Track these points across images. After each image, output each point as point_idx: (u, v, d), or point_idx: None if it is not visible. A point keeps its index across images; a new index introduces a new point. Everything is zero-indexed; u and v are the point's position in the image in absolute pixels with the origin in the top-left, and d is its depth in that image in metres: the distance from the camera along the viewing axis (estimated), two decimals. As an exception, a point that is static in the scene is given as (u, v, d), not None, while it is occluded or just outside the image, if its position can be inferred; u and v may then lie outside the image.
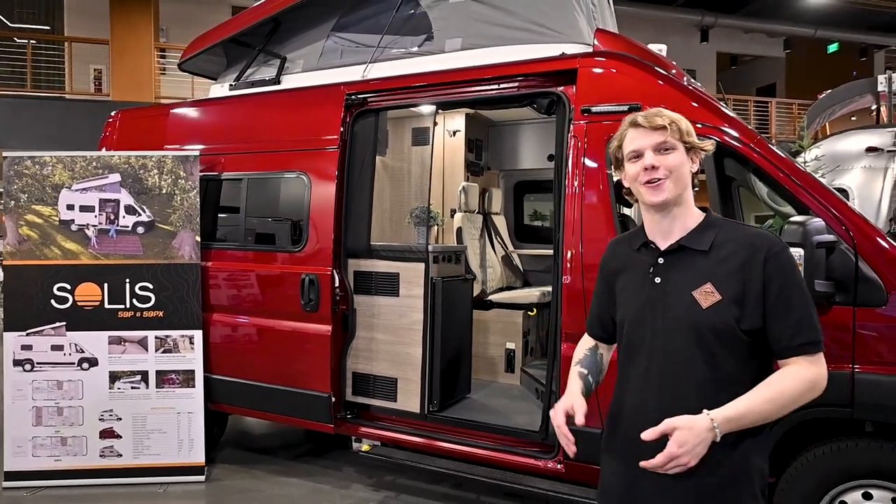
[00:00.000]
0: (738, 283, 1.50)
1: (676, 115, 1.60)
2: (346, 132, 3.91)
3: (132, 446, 4.16)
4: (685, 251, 1.58)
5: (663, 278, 1.59)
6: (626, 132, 1.63)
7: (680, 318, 1.54)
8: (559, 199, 3.32)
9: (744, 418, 1.45)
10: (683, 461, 1.43)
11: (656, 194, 1.56)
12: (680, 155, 1.57)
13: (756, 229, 1.62)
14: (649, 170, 1.55)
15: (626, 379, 1.66)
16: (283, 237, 4.07)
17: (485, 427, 3.64)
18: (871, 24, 16.98)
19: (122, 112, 5.03)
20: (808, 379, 1.49)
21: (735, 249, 1.53)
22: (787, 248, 1.55)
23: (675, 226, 1.60)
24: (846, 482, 2.71)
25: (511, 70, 3.54)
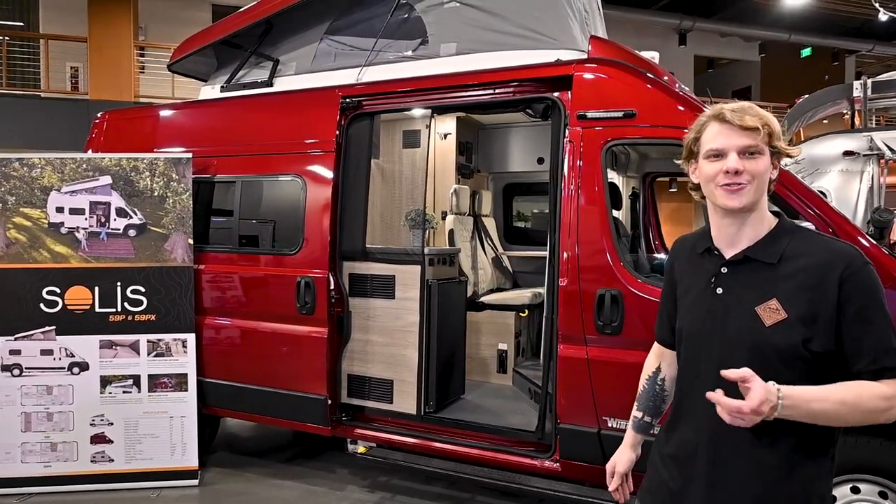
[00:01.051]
0: (808, 301, 1.38)
1: (768, 115, 1.45)
2: (341, 135, 3.93)
3: (124, 451, 4.13)
4: (751, 262, 1.46)
5: (725, 289, 1.48)
6: (707, 124, 1.48)
7: (740, 335, 1.43)
8: (555, 203, 3.38)
9: (808, 404, 1.33)
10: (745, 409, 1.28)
11: (735, 199, 1.43)
12: (766, 160, 1.44)
13: (834, 241, 1.47)
14: (731, 173, 1.42)
15: (683, 393, 1.58)
16: (278, 240, 4.07)
17: (481, 427, 3.69)
18: (842, 29, 17.44)
19: (109, 113, 4.96)
20: (888, 397, 1.36)
21: (807, 264, 1.40)
22: (869, 263, 1.40)
23: (744, 233, 1.48)
24: (835, 477, 2.80)
25: (506, 75, 3.59)
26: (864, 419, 1.37)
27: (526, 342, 5.02)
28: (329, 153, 3.91)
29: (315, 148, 3.97)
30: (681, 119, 3.18)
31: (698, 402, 1.46)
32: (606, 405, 3.15)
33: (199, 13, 14.00)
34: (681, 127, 3.15)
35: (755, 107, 1.46)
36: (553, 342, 3.31)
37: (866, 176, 6.15)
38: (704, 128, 1.49)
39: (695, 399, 1.49)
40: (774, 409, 1.31)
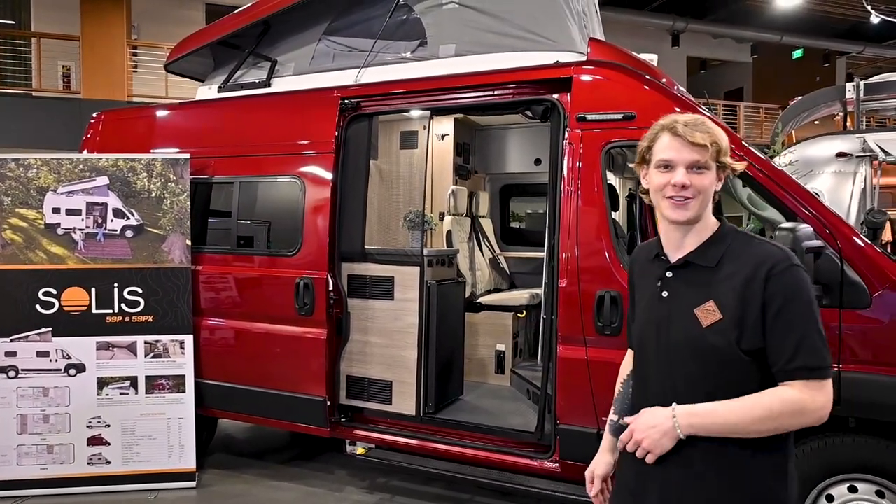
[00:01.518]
0: (740, 302, 1.43)
1: (718, 133, 1.49)
2: (339, 136, 3.93)
3: (121, 453, 4.10)
4: (692, 266, 1.53)
5: (670, 293, 1.55)
6: (660, 135, 1.53)
7: (681, 337, 1.50)
8: (554, 204, 3.39)
9: (707, 416, 1.41)
10: (638, 437, 1.46)
11: (680, 213, 1.50)
12: (712, 175, 1.49)
13: (770, 245, 1.51)
14: (678, 187, 1.48)
15: (639, 385, 1.65)
16: (276, 241, 4.06)
17: (481, 428, 3.70)
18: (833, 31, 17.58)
19: (105, 113, 4.94)
20: (795, 401, 1.39)
21: (741, 266, 1.46)
22: (797, 265, 1.45)
23: (688, 239, 1.55)
24: (832, 476, 2.84)
25: (506, 77, 3.60)
26: (776, 425, 1.40)
27: (524, 343, 5.03)
28: (328, 154, 3.90)
29: (314, 149, 3.96)
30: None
31: (650, 399, 1.54)
32: (606, 406, 3.15)
33: (193, 12, 13.94)
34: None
35: (707, 122, 1.50)
36: (552, 343, 3.32)
37: (859, 177, 6.21)
38: (657, 138, 1.54)
39: (646, 396, 1.57)
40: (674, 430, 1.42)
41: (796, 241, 2.68)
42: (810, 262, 2.73)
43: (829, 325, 2.80)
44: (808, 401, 1.40)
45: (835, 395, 2.70)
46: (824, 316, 2.73)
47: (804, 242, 2.69)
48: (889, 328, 2.77)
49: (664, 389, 1.52)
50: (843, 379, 2.78)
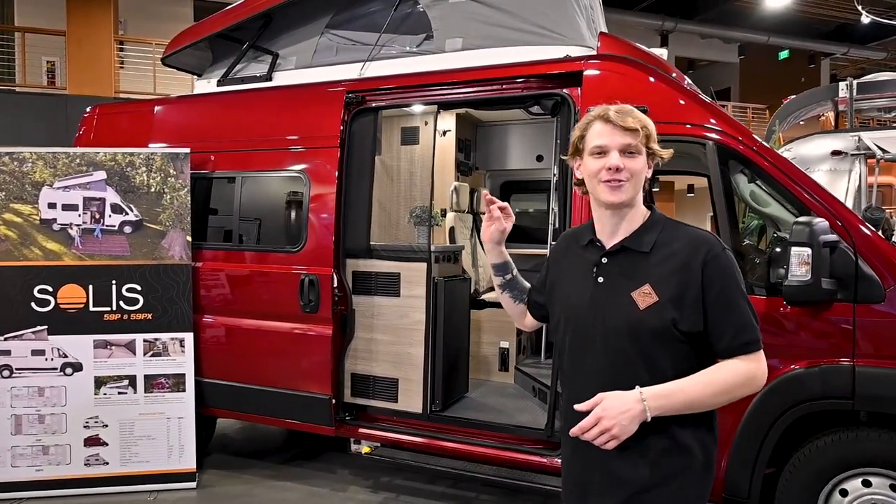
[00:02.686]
0: (676, 284, 1.51)
1: (646, 119, 1.59)
2: (344, 131, 3.87)
3: (119, 454, 4.01)
4: (627, 252, 1.59)
5: (606, 278, 1.60)
6: (593, 124, 1.60)
7: (619, 319, 1.54)
8: (564, 199, 3.36)
9: (674, 396, 1.47)
10: (607, 425, 1.44)
11: (615, 195, 1.56)
12: (643, 160, 1.58)
13: (698, 230, 1.61)
14: (612, 170, 1.54)
15: (572, 378, 1.66)
16: (280, 237, 3.99)
17: (489, 426, 3.66)
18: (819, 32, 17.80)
19: (99, 107, 4.83)
20: (745, 372, 1.51)
21: (675, 251, 1.55)
22: (726, 249, 1.55)
23: (621, 225, 1.61)
24: (846, 471, 2.84)
25: (514, 71, 3.57)
26: (731, 395, 1.51)
27: (527, 340, 5.00)
28: (333, 149, 3.84)
29: (318, 143, 3.90)
30: (691, 116, 3.19)
31: (584, 390, 1.56)
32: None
33: (181, 8, 13.75)
34: (694, 123, 3.17)
35: (635, 110, 1.60)
36: (563, 339, 3.29)
37: (853, 175, 6.26)
38: (589, 127, 1.60)
39: (583, 387, 1.58)
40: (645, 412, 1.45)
41: (812, 235, 2.68)
42: (826, 256, 2.74)
43: (843, 319, 2.82)
44: (754, 371, 1.53)
45: (850, 391, 2.76)
46: (838, 311, 2.80)
47: (821, 236, 2.69)
48: (902, 322, 2.78)
49: (603, 370, 1.56)
50: (858, 373, 2.78)
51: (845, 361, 2.80)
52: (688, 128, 3.16)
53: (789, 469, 2.93)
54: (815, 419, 2.91)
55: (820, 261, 2.68)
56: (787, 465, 2.94)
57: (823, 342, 2.85)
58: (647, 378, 1.50)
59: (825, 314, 2.84)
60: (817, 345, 2.86)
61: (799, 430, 2.93)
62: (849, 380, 2.78)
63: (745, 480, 2.93)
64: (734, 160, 3.14)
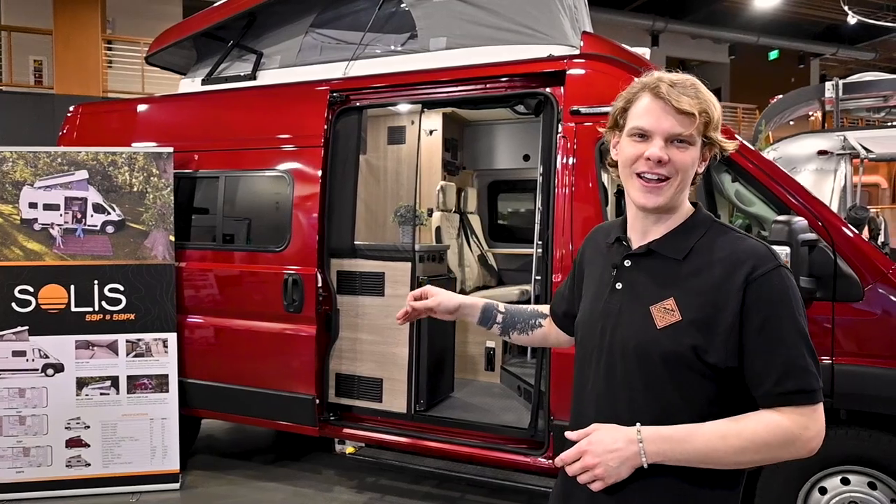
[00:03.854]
0: (706, 304, 1.19)
1: (711, 100, 1.23)
2: (328, 130, 3.85)
3: (101, 455, 3.98)
4: (655, 257, 1.29)
5: (625, 285, 1.31)
6: (639, 96, 1.25)
7: (630, 336, 1.25)
8: (548, 199, 3.36)
9: (680, 442, 1.16)
10: (590, 462, 1.18)
11: (650, 198, 1.24)
12: (695, 153, 1.22)
13: (749, 239, 1.25)
14: (653, 162, 1.22)
15: (577, 389, 1.42)
16: (264, 237, 3.98)
17: (473, 425, 3.66)
18: (808, 33, 17.91)
19: (83, 106, 4.79)
20: (785, 430, 1.15)
21: (714, 262, 1.22)
22: (783, 267, 1.20)
23: (658, 226, 1.30)
24: (825, 469, 2.86)
25: (498, 70, 3.56)
26: (762, 456, 1.17)
27: (513, 339, 5.00)
28: (316, 148, 3.83)
29: (302, 143, 3.88)
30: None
31: (584, 407, 1.35)
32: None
33: (170, 7, 13.68)
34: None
35: (699, 85, 1.24)
36: (546, 339, 3.29)
37: (839, 175, 6.30)
38: (636, 98, 1.26)
39: (583, 404, 1.36)
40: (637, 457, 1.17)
41: (792, 234, 2.69)
42: (805, 256, 2.75)
43: (822, 318, 2.84)
44: (799, 430, 1.15)
45: (827, 388, 2.78)
46: (817, 310, 2.82)
47: (799, 235, 2.70)
48: (880, 320, 2.80)
49: (602, 394, 1.29)
50: (836, 371, 2.79)
51: (824, 360, 2.81)
52: (669, 127, 3.16)
53: (769, 468, 2.94)
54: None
55: (798, 260, 2.69)
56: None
57: (803, 341, 2.86)
58: (650, 418, 1.21)
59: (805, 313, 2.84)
60: (797, 343, 2.86)
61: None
62: (828, 378, 2.79)
63: (726, 479, 2.93)
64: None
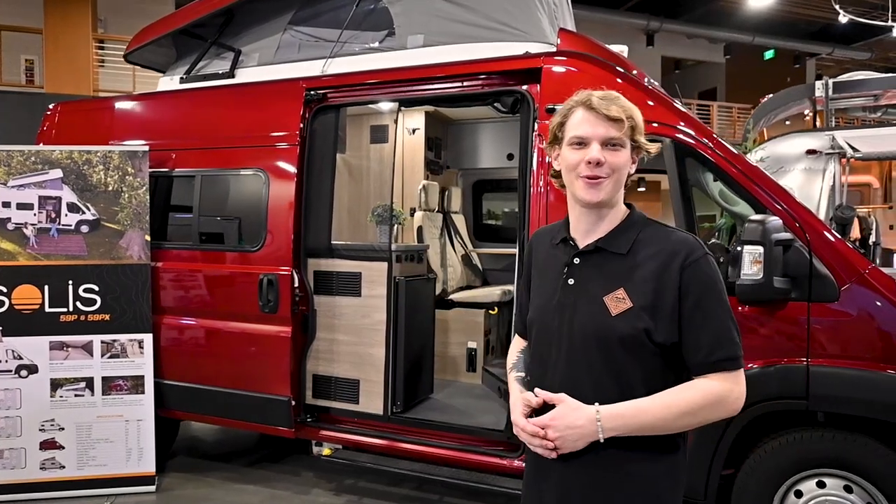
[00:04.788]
0: (652, 291, 1.38)
1: (633, 108, 1.45)
2: (305, 128, 3.81)
3: (76, 457, 3.94)
4: (602, 253, 1.46)
5: (577, 280, 1.47)
6: (574, 111, 1.45)
7: (587, 325, 1.42)
8: (524, 198, 3.32)
9: (634, 418, 1.35)
10: (552, 436, 1.37)
11: (593, 194, 1.42)
12: (626, 154, 1.43)
13: (680, 233, 1.46)
14: (592, 164, 1.40)
15: (537, 379, 1.52)
16: (239, 236, 3.93)
17: (449, 427, 3.61)
18: (804, 32, 17.87)
19: (61, 105, 4.75)
20: (716, 394, 1.37)
21: (653, 254, 1.42)
22: (709, 255, 1.41)
23: (599, 225, 1.47)
24: (801, 471, 2.81)
25: (475, 68, 3.52)
26: (698, 419, 1.37)
27: (496, 340, 4.96)
28: (292, 146, 3.78)
29: (278, 141, 3.84)
30: (650, 113, 3.15)
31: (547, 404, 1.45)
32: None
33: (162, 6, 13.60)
34: (649, 121, 3.12)
35: (622, 97, 1.44)
36: (522, 340, 3.25)
37: (828, 174, 6.25)
38: (570, 113, 1.46)
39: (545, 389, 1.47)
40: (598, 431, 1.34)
41: (765, 234, 2.65)
42: (779, 255, 2.71)
43: (797, 319, 2.79)
44: (727, 392, 1.38)
45: (804, 391, 2.74)
46: (792, 310, 2.77)
47: (773, 234, 2.66)
48: (857, 321, 2.76)
49: (565, 381, 1.43)
50: (812, 373, 2.75)
51: (799, 361, 2.77)
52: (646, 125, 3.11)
53: (745, 470, 2.90)
54: (772, 420, 2.88)
55: (771, 259, 2.65)
56: (743, 466, 2.91)
57: (779, 342, 2.82)
58: (616, 392, 1.38)
59: (780, 313, 2.81)
60: (772, 344, 2.83)
61: (756, 430, 2.90)
62: (803, 380, 2.75)
63: (700, 482, 2.89)
64: (691, 157, 3.11)
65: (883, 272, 2.83)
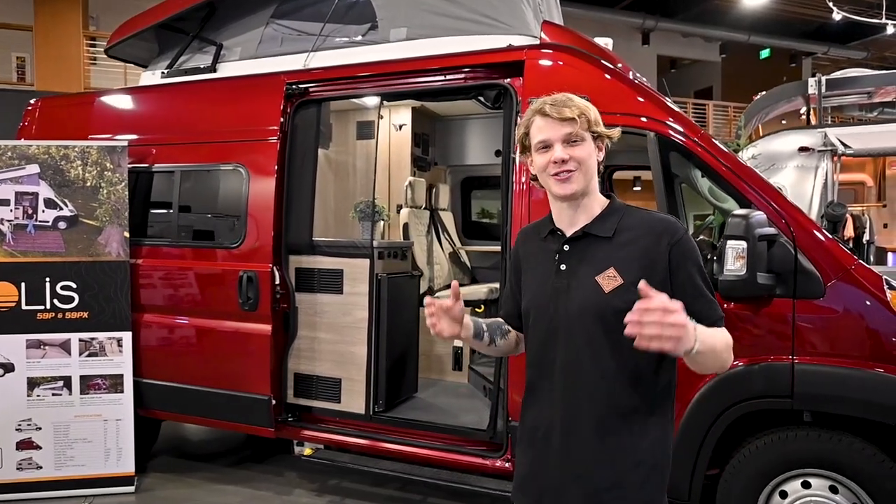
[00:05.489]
0: (640, 268, 1.50)
1: (584, 104, 1.56)
2: (286, 123, 3.75)
3: (54, 457, 3.87)
4: (589, 238, 1.58)
5: (568, 265, 1.58)
6: (532, 120, 1.59)
7: (584, 304, 1.53)
8: (507, 195, 3.26)
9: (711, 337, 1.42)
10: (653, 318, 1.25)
11: (565, 187, 1.55)
12: (588, 146, 1.55)
13: (658, 215, 1.62)
14: (558, 163, 1.54)
15: (535, 371, 1.63)
16: (219, 233, 3.87)
17: (431, 427, 3.56)
18: (799, 31, 17.83)
19: (42, 100, 4.69)
20: (729, 339, 1.52)
21: (638, 235, 1.54)
22: (687, 232, 1.57)
23: (580, 214, 1.60)
24: (786, 471, 2.76)
25: (457, 61, 3.47)
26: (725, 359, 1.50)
27: (482, 339, 4.89)
28: (272, 141, 3.72)
29: (258, 136, 3.78)
30: (633, 107, 3.10)
31: (551, 381, 1.57)
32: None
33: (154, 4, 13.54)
34: (634, 114, 3.07)
35: (573, 97, 1.57)
36: (505, 337, 3.19)
37: (821, 171, 6.21)
38: (531, 123, 1.59)
39: (547, 378, 1.58)
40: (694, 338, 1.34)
41: (748, 228, 2.60)
42: (763, 250, 2.65)
43: (782, 315, 2.74)
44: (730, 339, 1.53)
45: (789, 389, 2.68)
46: (777, 307, 2.72)
47: (757, 230, 2.61)
48: (843, 318, 2.70)
49: (567, 361, 1.55)
50: (797, 371, 2.70)
51: (784, 359, 2.72)
52: (628, 118, 3.06)
53: (730, 470, 2.85)
54: (757, 419, 2.82)
55: (755, 254, 2.59)
56: (728, 465, 2.85)
57: (763, 339, 2.77)
58: (614, 366, 1.50)
59: (764, 310, 2.75)
60: (757, 342, 2.77)
61: (741, 429, 2.84)
62: (788, 378, 2.69)
63: (684, 482, 2.83)
64: (675, 152, 3.05)
65: (868, 268, 2.77)
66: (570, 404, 1.54)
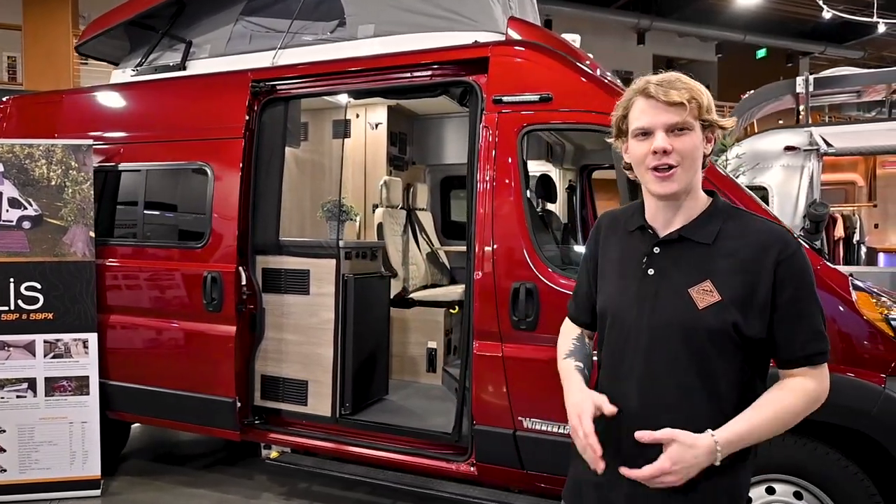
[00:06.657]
0: (741, 284, 1.32)
1: (697, 87, 1.35)
2: (252, 121, 3.69)
3: (18, 461, 3.82)
4: (685, 242, 1.39)
5: (657, 270, 1.40)
6: (634, 100, 1.38)
7: (672, 318, 1.36)
8: (471, 193, 3.21)
9: (745, 440, 1.32)
10: (670, 480, 1.28)
11: (665, 186, 1.35)
12: (696, 137, 1.34)
13: (768, 223, 1.40)
14: (659, 153, 1.33)
15: (607, 377, 1.48)
16: (184, 233, 3.82)
17: (396, 430, 3.50)
18: (795, 31, 17.76)
19: (14, 98, 4.64)
20: (811, 392, 1.35)
21: (742, 245, 1.35)
22: (801, 247, 1.37)
23: (679, 214, 1.40)
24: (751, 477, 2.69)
25: (424, 58, 3.41)
26: (797, 420, 1.37)
27: (457, 340, 4.84)
28: (238, 140, 3.66)
29: (223, 134, 3.72)
30: (599, 104, 3.02)
31: (623, 391, 1.40)
32: (521, 405, 2.99)
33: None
34: (599, 112, 3.00)
35: (683, 78, 1.36)
36: (469, 338, 3.13)
37: (807, 171, 6.15)
38: (631, 104, 1.40)
39: (619, 388, 1.42)
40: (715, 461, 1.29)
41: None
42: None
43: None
44: (822, 390, 1.38)
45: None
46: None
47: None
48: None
49: (638, 371, 1.39)
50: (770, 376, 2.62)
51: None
52: (593, 115, 2.99)
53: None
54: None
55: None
56: (692, 471, 2.78)
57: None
58: (699, 387, 1.34)
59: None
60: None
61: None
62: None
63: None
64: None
65: (834, 268, 2.71)
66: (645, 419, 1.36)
